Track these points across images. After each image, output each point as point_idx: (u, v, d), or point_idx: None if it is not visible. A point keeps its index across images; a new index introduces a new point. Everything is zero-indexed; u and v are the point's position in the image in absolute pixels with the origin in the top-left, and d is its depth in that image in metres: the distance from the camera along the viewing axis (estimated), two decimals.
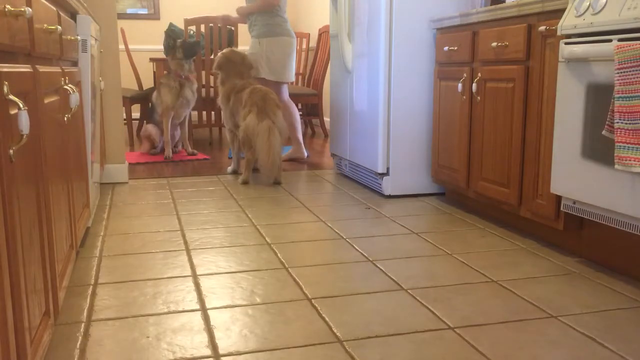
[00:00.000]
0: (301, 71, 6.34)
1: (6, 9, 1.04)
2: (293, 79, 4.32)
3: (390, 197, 3.18)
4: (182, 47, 4.51)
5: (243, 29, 7.18)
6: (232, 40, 5.28)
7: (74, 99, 1.79)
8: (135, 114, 6.50)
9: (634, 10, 1.74)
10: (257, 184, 3.57)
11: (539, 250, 2.26)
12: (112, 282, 1.95)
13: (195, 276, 2.00)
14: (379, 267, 2.07)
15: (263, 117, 3.51)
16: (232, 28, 5.27)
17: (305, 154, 4.42)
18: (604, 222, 1.94)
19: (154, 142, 4.62)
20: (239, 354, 1.46)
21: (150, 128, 4.61)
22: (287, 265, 2.09)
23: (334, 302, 1.77)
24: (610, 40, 1.83)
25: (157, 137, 4.61)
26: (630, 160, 1.71)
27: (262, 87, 3.69)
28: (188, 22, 5.14)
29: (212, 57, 5.17)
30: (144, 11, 7.20)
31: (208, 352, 1.47)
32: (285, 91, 4.33)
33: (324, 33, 5.91)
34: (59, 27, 1.64)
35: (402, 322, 1.63)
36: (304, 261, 2.14)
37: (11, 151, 1.03)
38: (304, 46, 6.33)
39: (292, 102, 4.37)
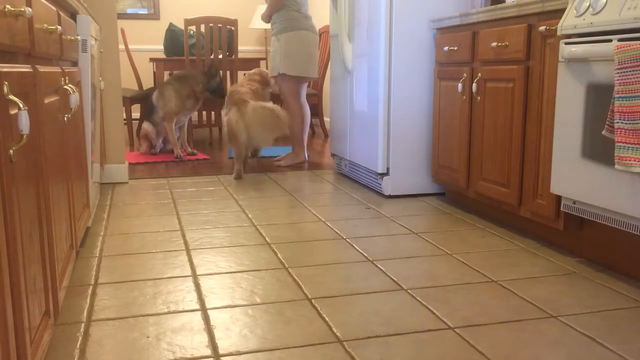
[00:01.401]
0: None
1: (6, 9, 1.04)
2: (315, 75, 4.22)
3: (390, 197, 3.18)
4: (216, 88, 4.61)
5: (243, 30, 7.18)
6: (232, 40, 5.28)
7: (74, 99, 1.79)
8: (135, 114, 6.50)
9: (634, 10, 1.74)
10: (257, 183, 3.58)
11: (539, 250, 2.26)
12: (112, 282, 1.95)
13: (195, 276, 2.00)
14: (379, 267, 2.07)
15: (243, 110, 3.78)
16: (232, 28, 5.26)
17: (306, 157, 4.39)
18: (604, 222, 1.94)
19: (152, 140, 4.63)
20: (239, 354, 1.46)
21: (146, 126, 4.62)
22: (287, 265, 2.09)
23: (334, 302, 1.77)
24: (610, 40, 1.83)
25: (153, 135, 4.62)
26: (630, 160, 1.71)
27: (239, 89, 3.94)
28: (188, 22, 5.14)
29: (212, 57, 5.17)
30: (144, 11, 7.20)
31: (208, 352, 1.47)
32: (304, 91, 4.26)
33: (324, 33, 5.91)
34: (59, 27, 1.64)
35: (402, 322, 1.63)
36: (304, 261, 2.14)
37: (11, 151, 1.03)
38: None
39: (307, 105, 4.31)
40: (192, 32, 5.42)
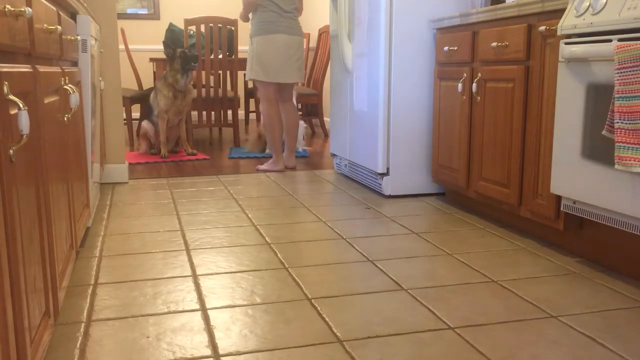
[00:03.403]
0: None
1: (6, 9, 1.04)
2: (293, 79, 3.97)
3: (390, 197, 3.18)
4: (180, 58, 4.47)
5: (243, 30, 7.18)
6: (232, 40, 5.28)
7: (74, 99, 1.79)
8: (135, 114, 6.50)
9: (634, 10, 1.74)
10: (257, 183, 3.58)
11: (539, 250, 2.26)
12: (112, 282, 1.95)
13: (195, 276, 2.00)
14: (379, 267, 2.07)
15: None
16: (232, 28, 5.27)
17: (283, 166, 4.05)
18: (604, 222, 1.94)
19: (151, 139, 4.65)
20: (239, 354, 1.46)
21: (145, 125, 4.65)
22: (287, 265, 2.09)
23: (334, 302, 1.77)
24: (610, 40, 1.83)
25: (152, 133, 4.63)
26: (630, 160, 1.71)
27: None
28: (188, 22, 5.14)
29: (212, 57, 5.16)
30: (144, 11, 7.20)
31: (208, 352, 1.47)
32: (290, 95, 4.08)
33: (324, 33, 5.91)
34: (59, 27, 1.64)
35: (402, 322, 1.63)
36: (304, 261, 2.14)
37: (11, 151, 1.03)
38: (304, 46, 6.33)
39: (294, 108, 4.12)
40: (192, 32, 5.42)
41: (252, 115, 6.74)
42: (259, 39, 3.88)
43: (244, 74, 6.26)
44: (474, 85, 2.62)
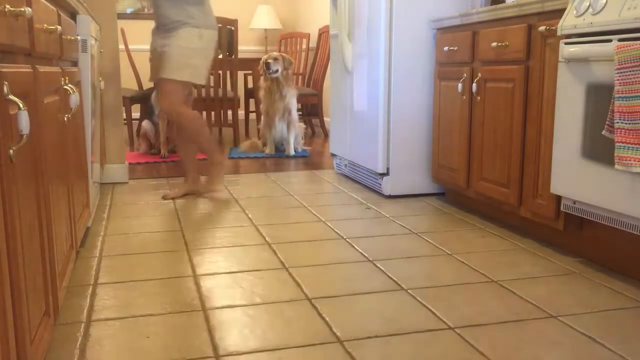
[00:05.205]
0: (301, 71, 6.34)
1: (6, 9, 1.04)
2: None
3: (390, 197, 3.18)
4: None
5: (243, 30, 7.18)
6: (232, 40, 5.28)
7: (74, 99, 1.79)
8: (135, 114, 6.49)
9: (634, 10, 1.74)
10: (257, 183, 3.58)
11: (539, 250, 2.26)
12: (112, 282, 1.95)
13: (195, 276, 2.00)
14: (379, 267, 2.07)
15: None
16: (232, 28, 5.26)
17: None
18: (604, 222, 1.94)
19: (151, 139, 4.65)
20: (239, 354, 1.46)
21: (145, 125, 4.66)
22: (287, 265, 2.09)
23: (334, 302, 1.77)
24: (610, 40, 1.83)
25: (152, 133, 4.63)
26: (630, 160, 1.71)
27: None
28: None
29: None
30: (144, 11, 7.20)
31: (208, 352, 1.47)
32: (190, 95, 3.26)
33: (324, 33, 5.91)
34: (59, 27, 1.64)
35: (402, 322, 1.63)
36: (304, 261, 2.14)
37: (11, 151, 1.03)
38: (304, 46, 6.33)
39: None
40: None
41: (252, 116, 6.73)
42: (211, 33, 3.02)
43: (244, 74, 6.26)
44: (474, 85, 2.62)
